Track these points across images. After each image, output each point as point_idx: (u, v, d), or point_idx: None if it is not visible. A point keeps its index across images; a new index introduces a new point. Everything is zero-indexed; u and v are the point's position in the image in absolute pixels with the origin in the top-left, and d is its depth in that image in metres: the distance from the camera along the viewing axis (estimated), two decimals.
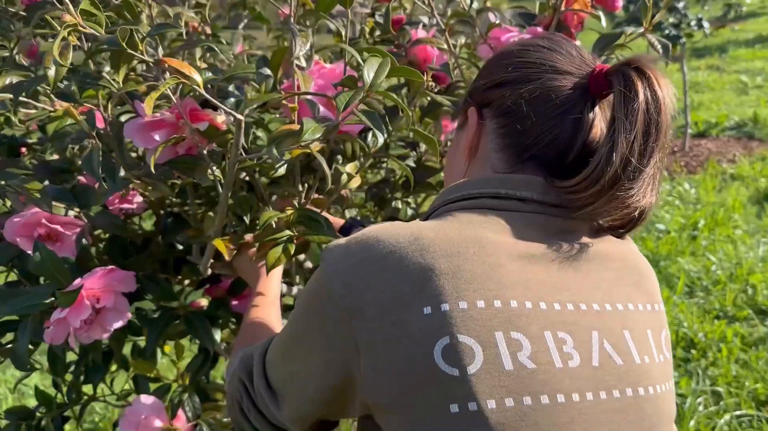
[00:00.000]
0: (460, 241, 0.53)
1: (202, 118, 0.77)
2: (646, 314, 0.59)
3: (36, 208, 0.87)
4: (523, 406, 0.48)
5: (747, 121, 5.10)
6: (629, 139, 0.53)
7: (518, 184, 0.59)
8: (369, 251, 0.53)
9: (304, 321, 0.58)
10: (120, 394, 1.27)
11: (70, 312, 0.77)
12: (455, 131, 0.72)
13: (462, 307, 0.49)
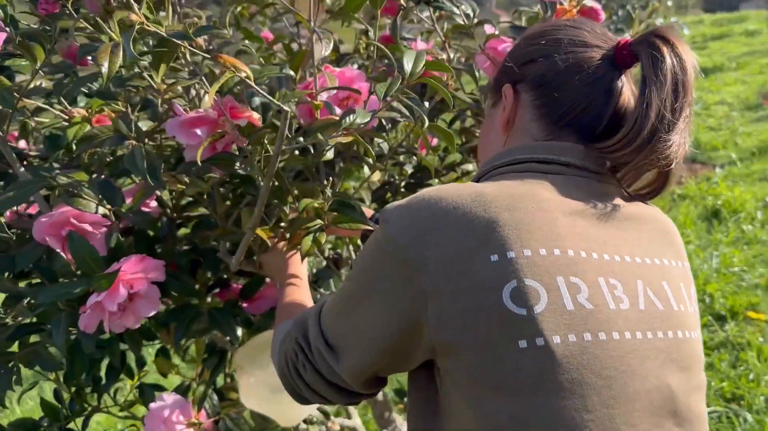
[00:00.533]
0: (519, 197, 0.59)
1: (241, 115, 0.82)
2: (678, 269, 0.66)
3: (64, 207, 0.89)
4: (584, 341, 0.54)
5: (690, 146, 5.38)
6: (662, 96, 0.61)
7: (562, 150, 0.66)
8: (432, 208, 0.58)
9: (367, 277, 0.62)
10: (123, 405, 1.27)
11: (107, 296, 0.79)
12: (488, 110, 0.79)
13: (526, 254, 0.55)
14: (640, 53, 0.64)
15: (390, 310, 0.60)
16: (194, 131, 0.80)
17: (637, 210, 0.67)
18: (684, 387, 0.59)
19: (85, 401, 1.20)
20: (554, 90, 0.67)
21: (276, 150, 0.77)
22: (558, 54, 0.67)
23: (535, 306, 0.54)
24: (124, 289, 0.80)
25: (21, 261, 0.90)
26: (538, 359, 0.53)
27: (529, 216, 0.58)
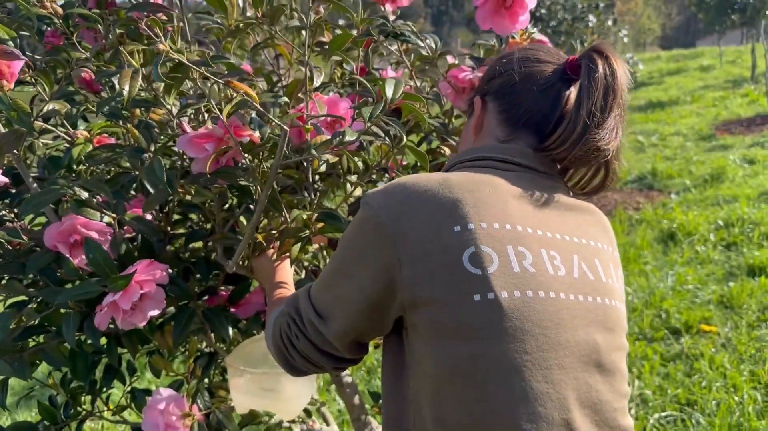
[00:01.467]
0: (478, 182, 0.72)
1: (243, 133, 0.93)
2: (609, 253, 0.79)
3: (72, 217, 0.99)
4: (526, 297, 0.67)
5: (647, 174, 5.64)
6: (592, 98, 0.75)
7: (515, 153, 0.80)
8: (407, 191, 0.71)
9: (351, 251, 0.74)
10: (115, 409, 1.34)
11: (123, 296, 0.89)
12: (467, 121, 0.93)
13: (483, 227, 0.68)
14: (581, 64, 0.78)
15: (370, 277, 0.71)
16: (203, 146, 0.91)
17: (576, 203, 0.80)
18: (607, 345, 0.71)
19: (79, 405, 1.27)
20: (512, 97, 0.82)
21: (275, 164, 0.89)
22: (515, 69, 0.82)
23: (488, 267, 0.67)
24: (136, 290, 0.90)
25: (31, 266, 0.99)
26: (488, 310, 0.65)
27: (486, 197, 0.71)
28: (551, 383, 0.66)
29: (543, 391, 0.65)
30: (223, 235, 1.09)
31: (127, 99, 0.83)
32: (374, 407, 1.54)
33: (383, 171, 1.34)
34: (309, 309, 0.79)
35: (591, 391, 0.69)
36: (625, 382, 0.74)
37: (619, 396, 0.72)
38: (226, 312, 1.18)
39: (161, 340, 1.14)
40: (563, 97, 0.81)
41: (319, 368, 0.83)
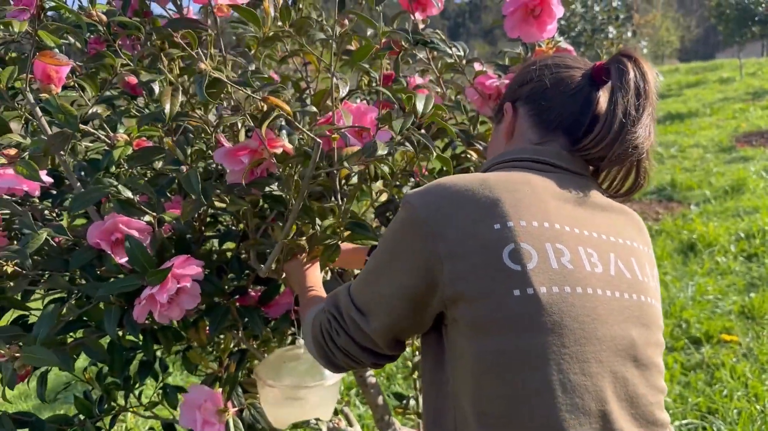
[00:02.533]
0: (516, 182, 0.75)
1: (276, 144, 0.97)
2: (644, 252, 0.82)
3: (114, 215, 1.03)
4: (564, 292, 0.69)
5: (666, 186, 5.62)
6: (626, 98, 0.78)
7: (551, 154, 0.82)
8: (448, 191, 0.74)
9: (392, 249, 0.76)
10: (147, 405, 1.38)
11: (160, 289, 0.93)
12: (494, 127, 0.96)
13: (522, 224, 0.71)
14: (610, 68, 0.81)
15: (411, 275, 0.73)
16: (239, 158, 0.95)
17: (610, 203, 0.82)
18: (643, 340, 0.74)
19: (113, 400, 1.31)
20: (544, 102, 0.85)
21: (308, 173, 0.92)
22: (546, 75, 0.86)
23: (528, 263, 0.69)
24: (173, 284, 0.94)
25: (74, 262, 1.03)
26: (527, 304, 0.68)
27: (525, 197, 0.73)
28: (588, 376, 0.68)
29: (580, 383, 0.67)
30: (255, 241, 1.13)
31: (169, 116, 0.87)
32: (397, 408, 1.56)
33: (409, 175, 1.38)
34: (350, 306, 0.82)
35: (627, 385, 0.71)
36: (661, 378, 0.76)
37: (656, 390, 0.74)
38: (258, 310, 1.21)
39: (195, 336, 1.17)
40: (593, 100, 0.84)
41: (358, 364, 0.85)
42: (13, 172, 1.03)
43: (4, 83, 1.02)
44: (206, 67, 0.83)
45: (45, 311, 0.99)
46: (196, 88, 0.81)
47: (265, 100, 0.85)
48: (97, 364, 1.32)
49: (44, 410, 2.52)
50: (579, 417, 0.66)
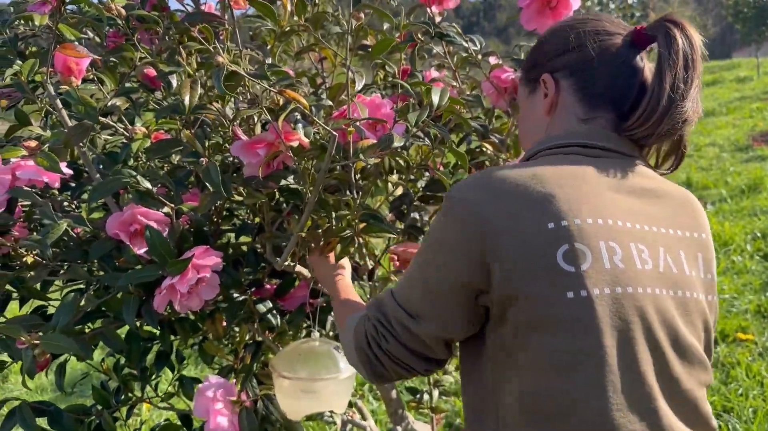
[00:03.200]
0: (568, 175, 0.73)
1: (293, 137, 0.98)
2: (697, 240, 0.79)
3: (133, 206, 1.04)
4: (616, 293, 0.69)
5: (681, 184, 5.57)
6: (674, 70, 0.75)
7: (599, 137, 0.80)
8: (498, 185, 0.72)
9: (439, 247, 0.74)
10: (164, 396, 1.40)
11: (180, 279, 0.94)
12: (524, 101, 0.92)
13: (576, 223, 0.70)
14: (656, 35, 0.78)
15: (459, 273, 0.72)
16: (255, 151, 0.96)
17: (662, 187, 0.79)
18: (689, 336, 0.73)
19: (130, 391, 1.33)
20: (589, 74, 0.81)
21: (324, 166, 0.93)
22: (588, 44, 0.81)
23: (582, 265, 0.68)
24: (193, 274, 0.95)
25: (94, 252, 1.04)
26: (580, 306, 0.67)
27: (578, 192, 0.72)
28: (638, 374, 0.68)
29: (630, 382, 0.67)
30: (271, 234, 1.14)
31: (188, 109, 0.88)
32: (411, 402, 1.57)
33: (424, 169, 1.38)
34: (397, 310, 0.79)
35: (674, 382, 0.70)
36: (706, 372, 0.75)
37: (700, 385, 0.74)
38: (274, 303, 1.22)
39: (211, 328, 1.18)
40: (638, 70, 0.81)
41: (408, 370, 0.82)
42: (33, 164, 1.05)
43: (25, 76, 1.03)
44: (224, 60, 0.84)
45: (64, 300, 1.00)
46: (214, 80, 0.82)
47: (282, 93, 0.86)
48: (115, 355, 1.33)
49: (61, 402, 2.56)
50: (629, 415, 0.67)
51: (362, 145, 0.90)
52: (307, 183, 0.99)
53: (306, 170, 0.99)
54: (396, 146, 0.89)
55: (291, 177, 1.01)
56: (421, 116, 0.91)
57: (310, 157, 0.99)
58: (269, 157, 0.95)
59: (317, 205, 1.00)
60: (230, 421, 1.04)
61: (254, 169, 0.96)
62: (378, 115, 1.05)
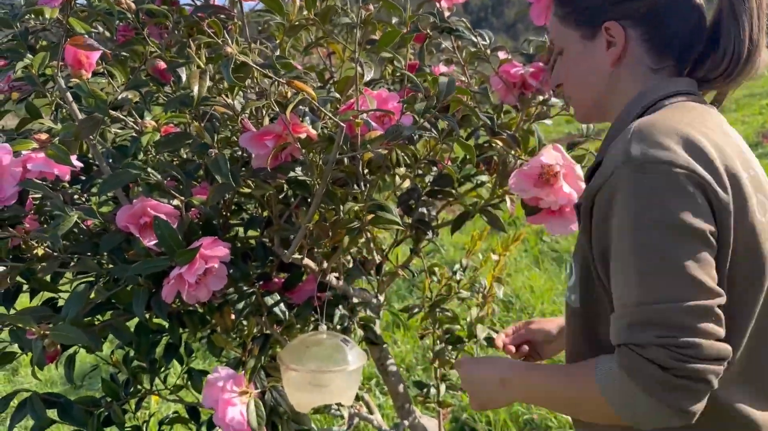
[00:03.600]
0: (715, 127, 0.74)
1: (301, 130, 0.98)
2: None
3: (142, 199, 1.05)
4: None
5: None
6: (752, 21, 0.75)
7: (690, 85, 0.80)
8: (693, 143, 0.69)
9: (674, 224, 0.66)
10: (172, 389, 1.41)
11: (188, 269, 0.94)
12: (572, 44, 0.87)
13: (747, 175, 0.72)
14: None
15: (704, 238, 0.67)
16: (264, 143, 0.97)
17: None
18: None
19: (139, 383, 1.34)
20: (660, 22, 0.79)
21: (332, 158, 0.93)
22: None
23: (754, 219, 0.71)
24: (201, 264, 0.95)
25: (104, 245, 1.05)
26: (752, 261, 0.71)
27: (729, 144, 0.73)
28: None
29: None
30: (279, 226, 1.14)
31: (196, 98, 0.89)
32: (418, 396, 1.57)
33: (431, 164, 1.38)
34: (670, 310, 0.65)
35: None
36: None
37: None
38: (282, 297, 1.23)
39: (220, 320, 1.19)
40: (704, 17, 0.80)
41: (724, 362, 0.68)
42: (44, 156, 1.06)
43: (36, 69, 1.04)
44: (233, 50, 0.84)
45: (74, 292, 1.01)
46: (223, 70, 0.82)
47: (290, 84, 0.86)
48: (124, 348, 1.34)
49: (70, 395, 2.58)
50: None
51: (369, 136, 0.91)
52: (315, 174, 0.99)
53: (314, 162, 1.00)
54: (404, 136, 0.89)
55: (299, 169, 1.02)
56: (429, 106, 0.91)
57: (318, 148, 0.99)
58: (277, 149, 0.96)
59: (325, 196, 1.00)
60: (239, 411, 1.04)
61: (263, 160, 0.97)
62: (386, 108, 1.06)
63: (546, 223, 1.10)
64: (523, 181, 1.06)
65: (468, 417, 2.48)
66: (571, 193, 1.03)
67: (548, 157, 1.04)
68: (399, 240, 1.52)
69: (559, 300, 3.42)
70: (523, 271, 3.89)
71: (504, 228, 1.29)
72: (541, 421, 2.37)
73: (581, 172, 1.06)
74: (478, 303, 1.55)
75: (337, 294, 1.33)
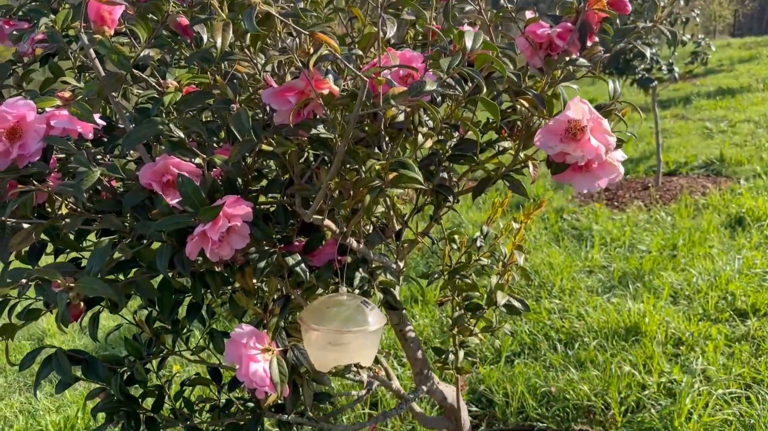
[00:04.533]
0: None
1: (323, 85, 0.97)
2: None
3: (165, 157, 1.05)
4: None
5: (714, 160, 5.46)
6: None
7: None
8: None
9: None
10: (194, 349, 1.42)
11: (211, 227, 0.94)
12: None
13: None
14: None
15: None
16: (286, 98, 0.96)
17: None
18: None
19: (162, 344, 1.35)
20: None
21: (354, 113, 0.92)
22: None
23: None
24: (224, 222, 0.95)
25: (127, 202, 1.06)
26: None
27: None
28: None
29: None
30: (301, 186, 1.14)
31: (219, 51, 0.88)
32: (437, 362, 1.57)
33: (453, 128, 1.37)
34: None
35: None
36: None
37: None
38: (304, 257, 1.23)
39: (242, 281, 1.20)
40: None
41: None
42: (67, 113, 1.06)
43: (59, 25, 1.04)
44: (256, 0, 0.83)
45: (98, 247, 1.01)
46: (245, 20, 0.82)
47: (313, 36, 0.85)
48: (147, 308, 1.36)
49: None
50: None
51: (393, 92, 0.89)
52: (336, 129, 0.99)
53: (336, 119, 0.99)
54: (428, 91, 0.87)
55: (321, 126, 1.01)
56: (454, 61, 0.89)
57: (340, 104, 0.98)
58: (299, 105, 0.95)
59: (347, 155, 1.00)
60: (262, 367, 1.05)
61: (285, 116, 0.96)
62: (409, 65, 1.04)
63: (572, 181, 1.09)
64: (549, 136, 1.05)
65: (485, 389, 2.48)
66: (598, 146, 1.02)
67: (575, 111, 1.02)
68: (419, 207, 1.51)
69: (579, 277, 3.40)
70: (542, 248, 3.87)
71: (527, 194, 1.28)
72: (559, 393, 2.37)
73: (608, 126, 1.05)
74: (499, 271, 1.54)
75: (357, 258, 1.33)
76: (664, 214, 4.26)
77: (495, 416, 2.37)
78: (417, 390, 1.52)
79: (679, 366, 2.38)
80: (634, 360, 2.48)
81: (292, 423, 1.41)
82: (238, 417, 1.39)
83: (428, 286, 2.22)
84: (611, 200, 4.93)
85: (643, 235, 3.89)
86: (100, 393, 1.29)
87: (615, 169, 1.10)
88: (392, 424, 2.37)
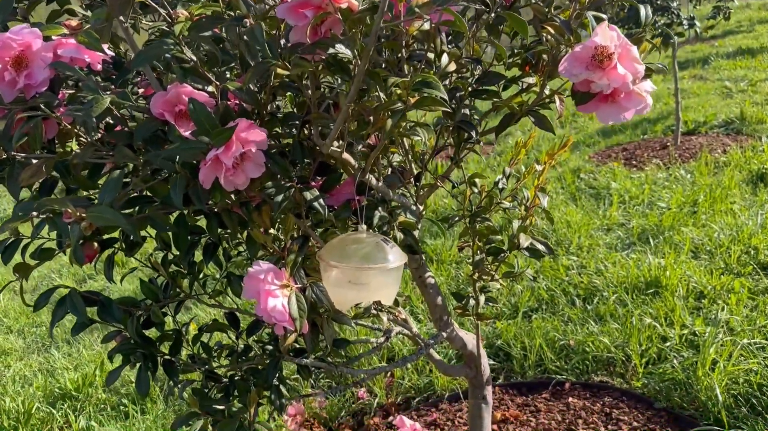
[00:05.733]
0: None
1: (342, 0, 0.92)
2: None
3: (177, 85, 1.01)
4: None
5: (734, 119, 5.34)
6: None
7: None
8: None
9: None
10: (211, 293, 1.40)
11: (224, 151, 0.91)
12: None
13: None
14: None
15: None
16: (303, 13, 0.91)
17: None
18: None
19: (178, 287, 1.33)
20: None
21: (375, 27, 0.87)
22: None
23: None
24: (238, 147, 0.91)
25: (139, 133, 1.02)
26: None
27: None
28: None
29: None
30: (319, 114, 1.09)
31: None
32: (457, 308, 1.54)
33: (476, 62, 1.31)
34: None
35: None
36: None
37: None
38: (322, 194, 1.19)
39: (259, 219, 1.16)
40: None
41: None
42: (75, 42, 1.02)
43: None
44: None
45: (109, 178, 0.98)
46: None
47: None
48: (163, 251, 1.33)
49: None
50: None
51: (417, 1, 0.84)
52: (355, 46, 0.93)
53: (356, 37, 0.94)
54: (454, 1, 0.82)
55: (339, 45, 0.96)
56: None
57: (359, 18, 0.93)
58: (317, 19, 0.90)
59: (367, 76, 0.95)
60: (281, 303, 1.02)
61: (301, 32, 0.92)
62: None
63: (597, 111, 1.03)
64: (574, 63, 0.99)
65: (503, 343, 2.46)
66: (625, 74, 0.97)
67: (602, 37, 0.97)
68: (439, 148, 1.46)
69: (597, 235, 3.35)
70: (559, 207, 3.81)
71: (553, 130, 1.23)
72: (578, 346, 2.34)
73: (637, 53, 0.99)
74: (521, 215, 1.49)
75: (376, 198, 1.29)
76: (684, 172, 4.18)
77: (513, 369, 2.35)
78: (437, 336, 1.50)
79: (702, 319, 2.34)
80: (654, 313, 2.45)
81: (311, 368, 1.39)
82: (256, 361, 1.37)
83: (449, 229, 2.19)
84: (629, 159, 4.84)
85: (662, 193, 3.82)
86: (116, 336, 1.27)
87: (642, 99, 1.04)
88: (408, 378, 2.36)
